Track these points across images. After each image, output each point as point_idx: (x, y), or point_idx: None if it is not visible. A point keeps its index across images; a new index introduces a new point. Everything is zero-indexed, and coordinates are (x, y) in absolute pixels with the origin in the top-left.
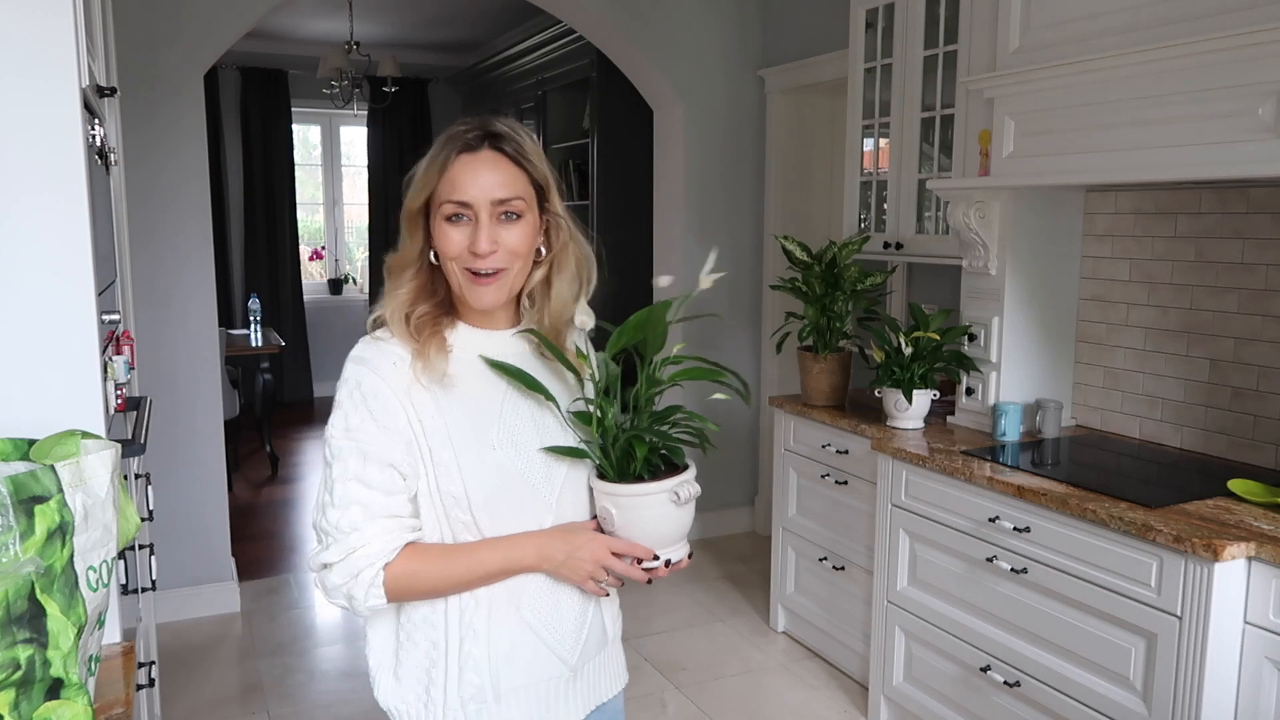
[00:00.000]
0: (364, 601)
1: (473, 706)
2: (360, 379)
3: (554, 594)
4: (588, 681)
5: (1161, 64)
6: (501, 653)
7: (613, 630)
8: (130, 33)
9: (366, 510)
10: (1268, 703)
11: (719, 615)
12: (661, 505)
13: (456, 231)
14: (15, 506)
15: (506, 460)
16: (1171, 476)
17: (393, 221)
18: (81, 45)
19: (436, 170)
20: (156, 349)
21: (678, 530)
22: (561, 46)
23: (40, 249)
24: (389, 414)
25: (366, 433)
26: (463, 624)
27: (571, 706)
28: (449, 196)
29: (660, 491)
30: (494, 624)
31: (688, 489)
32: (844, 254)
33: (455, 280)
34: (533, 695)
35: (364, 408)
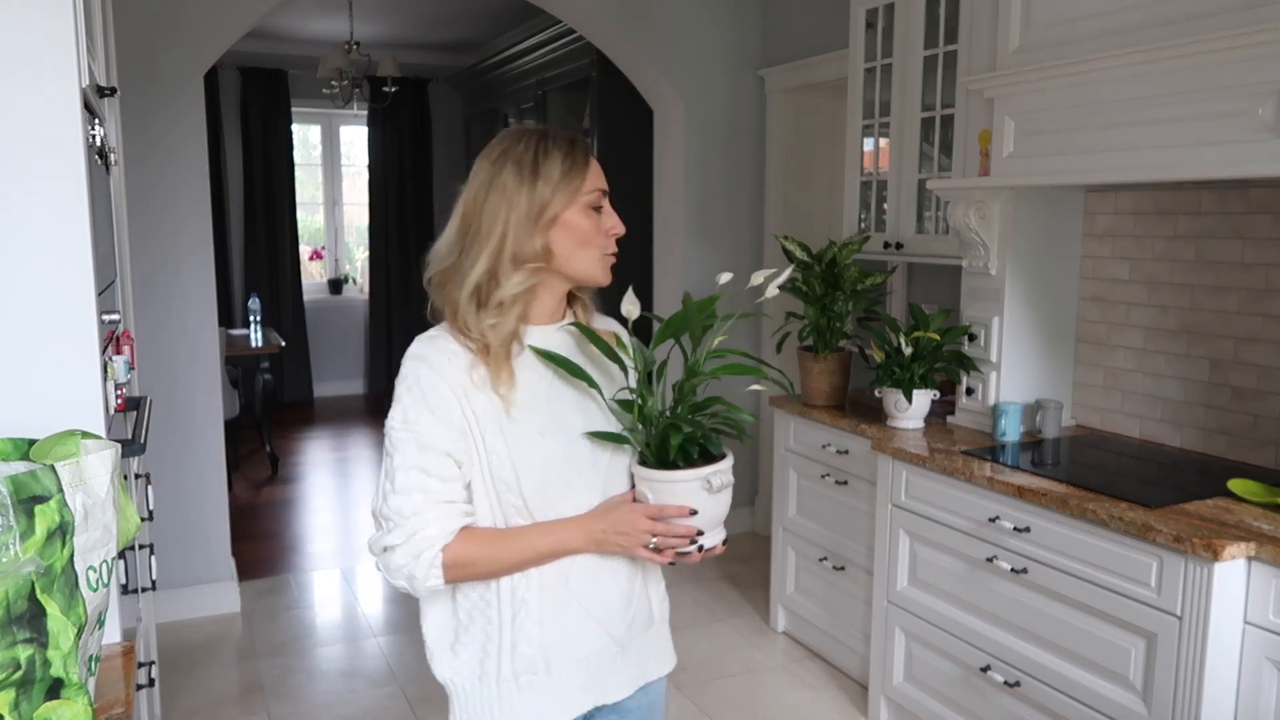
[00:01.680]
0: (424, 581)
1: (525, 678)
2: (419, 375)
3: (601, 571)
4: (636, 658)
5: (1161, 64)
6: (551, 627)
7: (659, 611)
8: (130, 33)
9: (426, 496)
10: (1268, 703)
11: (719, 615)
12: (694, 492)
13: (598, 220)
14: (15, 506)
15: (555, 446)
16: (1171, 476)
17: (392, 222)
18: (81, 45)
19: (581, 170)
20: (156, 349)
21: (711, 517)
22: (561, 46)
23: (40, 249)
24: (445, 407)
25: (424, 424)
26: (515, 599)
27: (621, 680)
28: (597, 186)
29: (692, 479)
30: (545, 599)
31: (720, 478)
32: (844, 254)
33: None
34: (583, 668)
35: (422, 402)
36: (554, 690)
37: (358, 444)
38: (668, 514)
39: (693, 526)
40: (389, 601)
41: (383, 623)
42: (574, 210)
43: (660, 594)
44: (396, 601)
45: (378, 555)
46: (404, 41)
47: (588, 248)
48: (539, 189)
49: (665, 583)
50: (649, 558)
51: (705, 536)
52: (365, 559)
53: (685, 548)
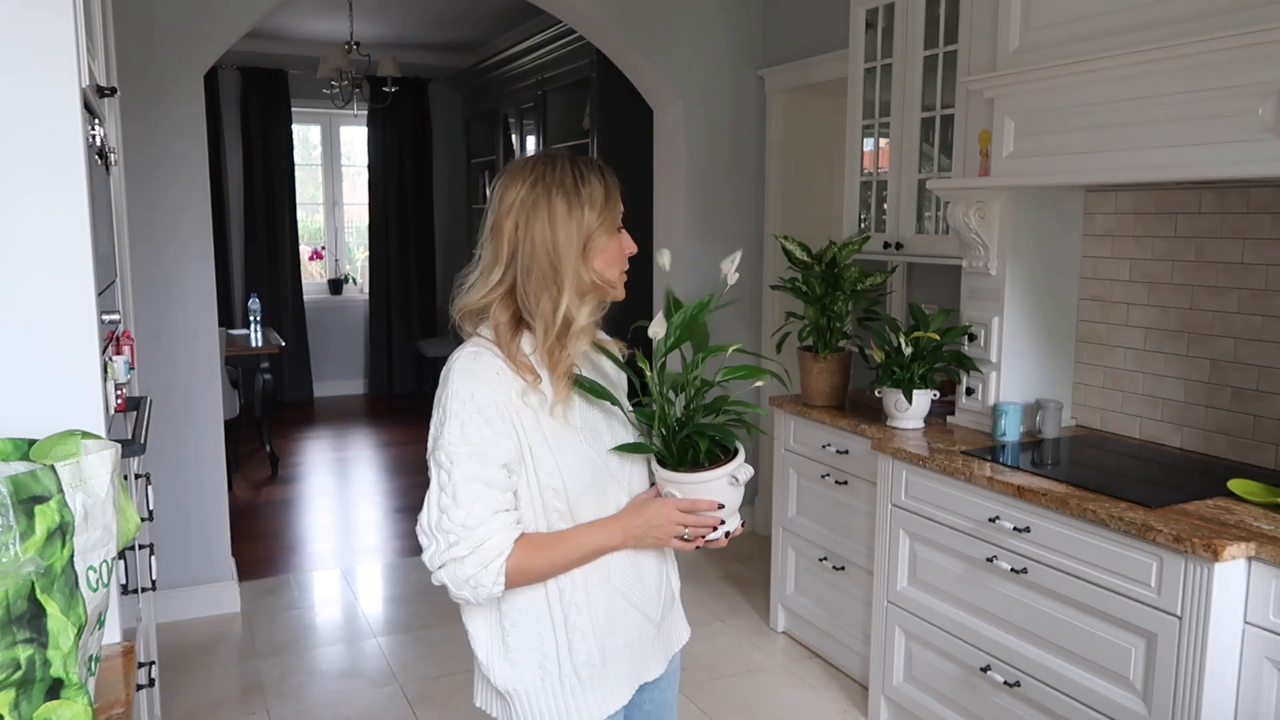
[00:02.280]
0: (490, 590)
1: (585, 672)
2: (473, 390)
3: (635, 562)
4: (666, 633)
5: (1161, 64)
6: (602, 620)
7: (677, 587)
8: (130, 33)
9: (488, 506)
10: (1268, 703)
11: (719, 615)
12: (723, 487)
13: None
14: (15, 506)
15: (591, 451)
16: (1171, 476)
17: (392, 222)
18: (81, 45)
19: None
20: (156, 349)
21: (735, 505)
22: (561, 46)
23: (40, 249)
24: (500, 419)
25: (483, 437)
26: (564, 602)
27: (658, 658)
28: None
29: (720, 477)
30: (592, 597)
31: (744, 471)
32: (844, 254)
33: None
34: (630, 653)
35: (479, 416)
36: (610, 679)
37: (358, 444)
38: (700, 508)
39: (718, 517)
40: (389, 601)
41: (383, 623)
42: (603, 234)
43: (676, 572)
44: (396, 601)
45: (440, 568)
46: (404, 41)
47: (613, 267)
48: (586, 216)
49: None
50: (680, 546)
51: (728, 523)
52: (365, 559)
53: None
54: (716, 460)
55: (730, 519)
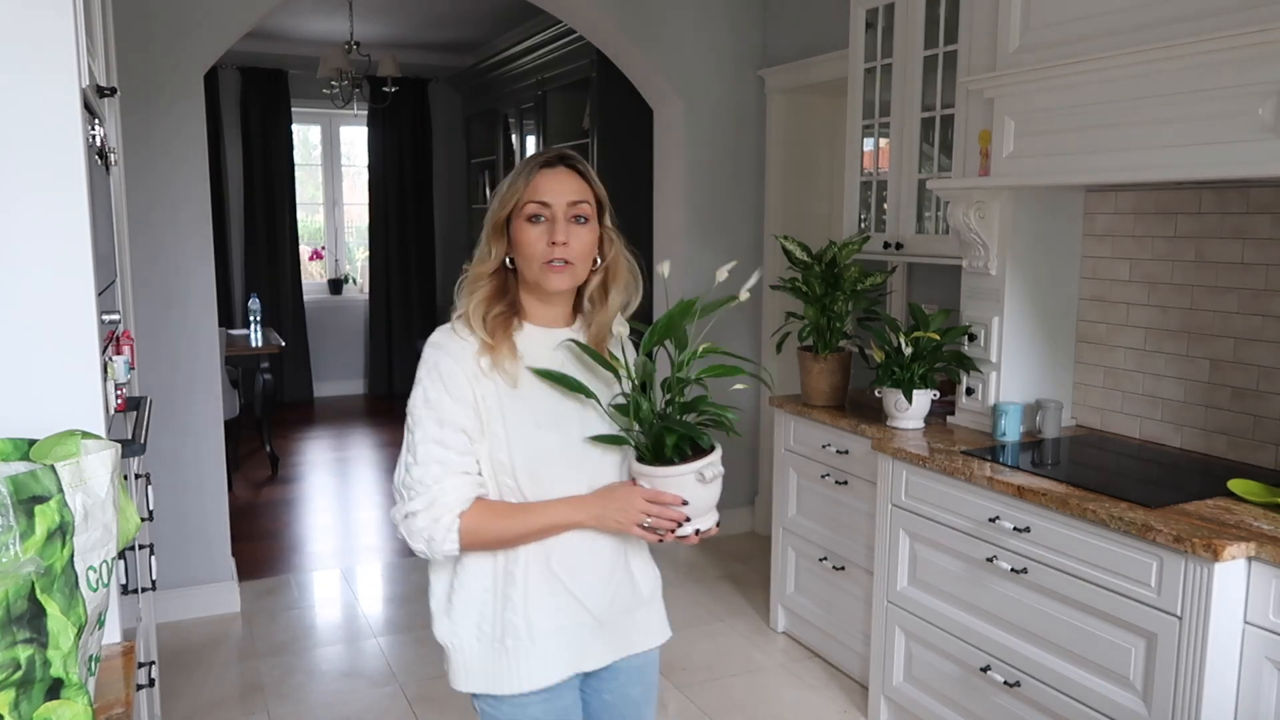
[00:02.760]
0: (442, 545)
1: (510, 641)
2: (437, 360)
3: (580, 552)
4: (618, 631)
5: (1161, 64)
6: (534, 598)
7: (647, 590)
8: (130, 33)
9: (444, 466)
10: (1268, 703)
11: (719, 615)
12: (690, 483)
13: (537, 230)
14: (15, 506)
15: (549, 439)
16: (1171, 476)
17: (392, 222)
18: (81, 45)
19: (522, 182)
20: (156, 349)
21: (705, 503)
22: (561, 46)
23: (40, 249)
24: (460, 388)
25: (443, 404)
26: (505, 574)
27: (603, 650)
28: (532, 198)
29: (687, 472)
30: (529, 574)
31: (711, 469)
32: (844, 254)
33: (533, 272)
34: (563, 638)
35: (440, 383)
36: (540, 657)
37: (358, 444)
38: (664, 499)
39: (682, 513)
40: (389, 601)
41: (383, 623)
42: (516, 222)
43: (650, 576)
44: (396, 601)
45: (400, 523)
46: (404, 41)
47: (529, 259)
48: (493, 200)
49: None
50: (642, 535)
51: (699, 520)
52: (365, 559)
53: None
54: (687, 457)
55: (701, 517)
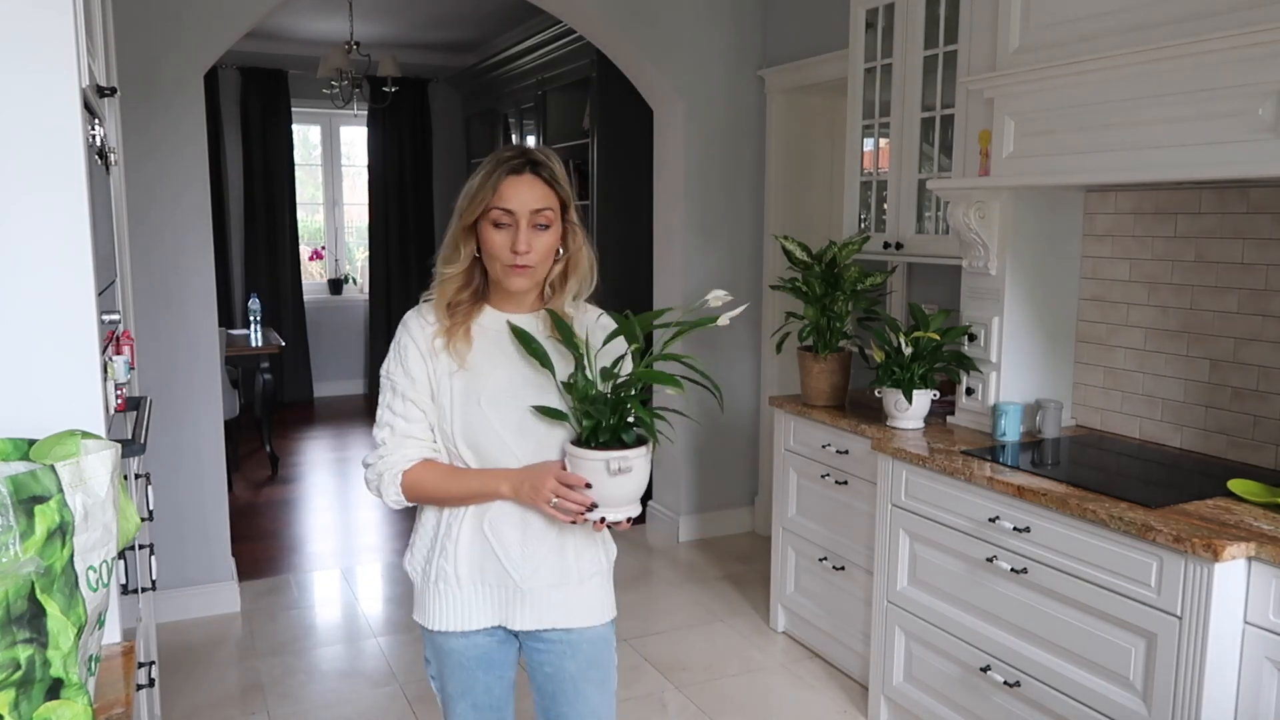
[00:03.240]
0: (387, 496)
1: (442, 585)
2: (400, 337)
3: (514, 519)
4: (544, 603)
5: (1161, 64)
6: (464, 551)
7: (583, 571)
8: (130, 33)
9: (393, 431)
10: (1268, 703)
11: (719, 615)
12: (598, 471)
13: (501, 235)
14: (15, 506)
15: (487, 414)
16: (1171, 476)
17: (392, 222)
18: (81, 45)
19: (490, 187)
20: (156, 349)
21: (615, 494)
22: (561, 46)
23: (40, 249)
24: (414, 366)
25: (398, 377)
26: (445, 524)
27: (524, 615)
28: (498, 205)
29: (597, 459)
30: (463, 529)
31: (618, 463)
32: (844, 254)
33: (495, 270)
34: (487, 593)
35: (397, 358)
36: (464, 601)
37: (358, 444)
38: (571, 481)
39: (587, 497)
40: (389, 601)
41: (383, 623)
42: (483, 223)
43: (590, 557)
44: (396, 601)
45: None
46: (404, 41)
47: (492, 259)
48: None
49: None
50: (550, 513)
51: (606, 510)
52: (365, 559)
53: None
54: (609, 446)
55: (612, 508)
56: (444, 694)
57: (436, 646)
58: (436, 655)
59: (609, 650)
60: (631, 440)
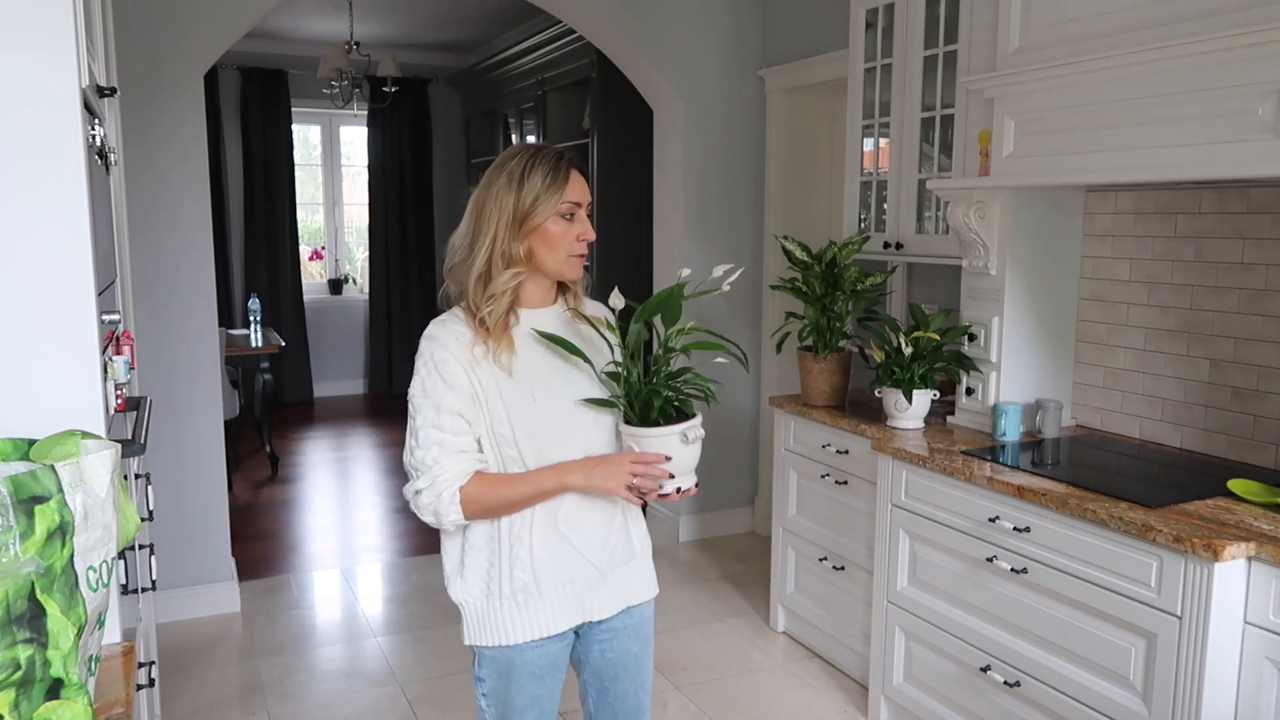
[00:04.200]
0: (447, 515)
1: (521, 597)
2: (433, 352)
3: (584, 512)
4: (619, 584)
5: (1161, 64)
6: (541, 556)
7: (640, 546)
8: (130, 33)
9: (443, 448)
10: (1268, 703)
11: (719, 615)
12: (674, 443)
13: (567, 226)
14: (15, 506)
15: (546, 408)
16: (1171, 476)
17: (392, 222)
18: (81, 45)
19: (559, 184)
20: (156, 349)
21: (687, 463)
22: (561, 46)
23: (40, 249)
24: (454, 377)
25: (439, 391)
26: (512, 535)
27: (605, 601)
28: (570, 198)
29: (672, 433)
30: (535, 534)
31: (694, 431)
32: (844, 254)
33: (554, 263)
34: (569, 591)
35: (435, 373)
36: (546, 608)
37: (358, 444)
38: (648, 459)
39: (665, 469)
40: (389, 601)
41: (383, 623)
42: (551, 219)
43: (641, 533)
44: (396, 601)
45: (410, 499)
46: (404, 41)
47: (556, 251)
48: (523, 198)
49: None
50: (627, 497)
51: (681, 479)
52: (365, 559)
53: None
54: (672, 419)
55: (682, 476)
56: (507, 708)
57: (505, 663)
58: (501, 672)
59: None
60: (690, 410)
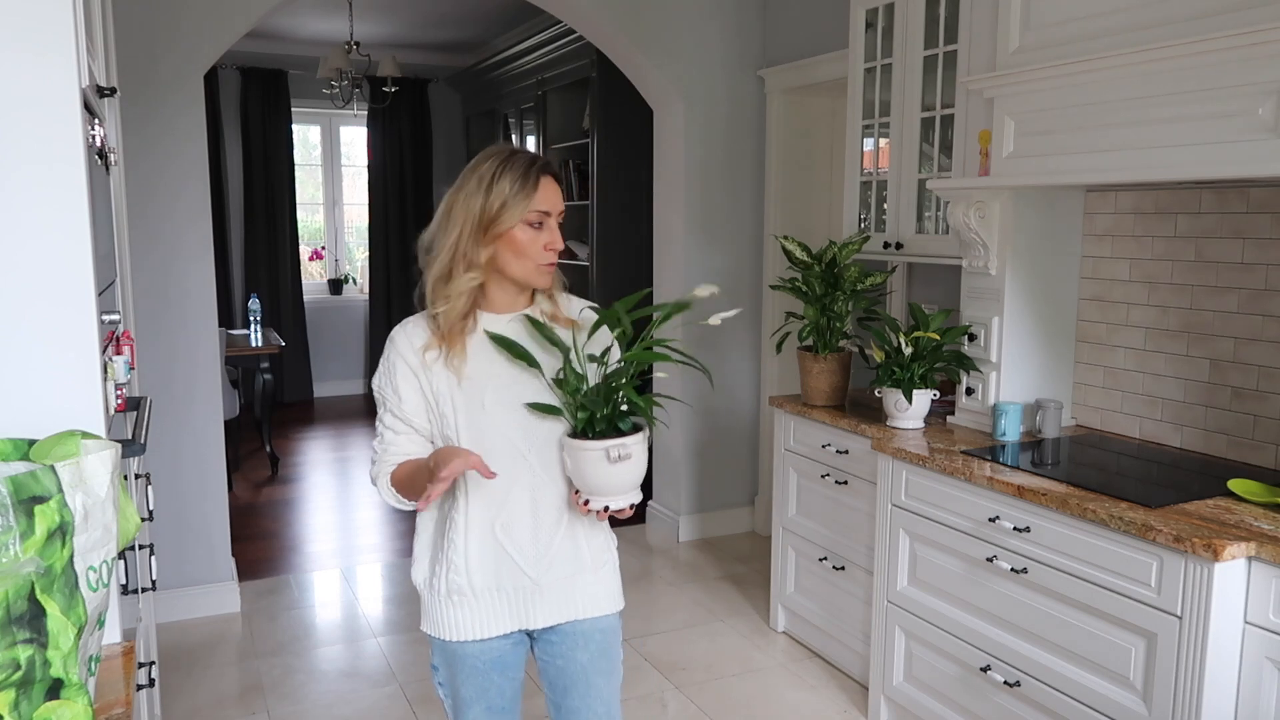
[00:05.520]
0: (386, 496)
1: (455, 597)
2: (388, 353)
3: (521, 520)
4: (559, 596)
5: (1161, 64)
6: (475, 560)
7: (593, 559)
8: (130, 33)
9: (383, 441)
10: (1268, 703)
11: (719, 615)
12: (598, 460)
13: (535, 235)
14: (15, 506)
15: (493, 418)
16: (1171, 476)
17: (392, 222)
18: (81, 45)
19: (529, 191)
20: (156, 349)
21: (616, 482)
22: (561, 46)
23: (40, 249)
24: (403, 380)
25: (387, 393)
26: (448, 536)
27: (544, 611)
28: (539, 207)
29: (596, 449)
30: (470, 538)
31: (618, 450)
32: (844, 254)
33: (521, 270)
34: (503, 597)
35: (385, 374)
36: (481, 609)
37: (358, 444)
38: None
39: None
40: (389, 601)
41: (383, 623)
42: (519, 227)
43: (597, 545)
44: (396, 601)
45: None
46: (404, 41)
47: (523, 259)
48: (490, 202)
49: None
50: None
51: (609, 498)
52: (365, 559)
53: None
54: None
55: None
56: (456, 699)
57: (450, 654)
58: (448, 663)
59: (617, 641)
60: (628, 427)
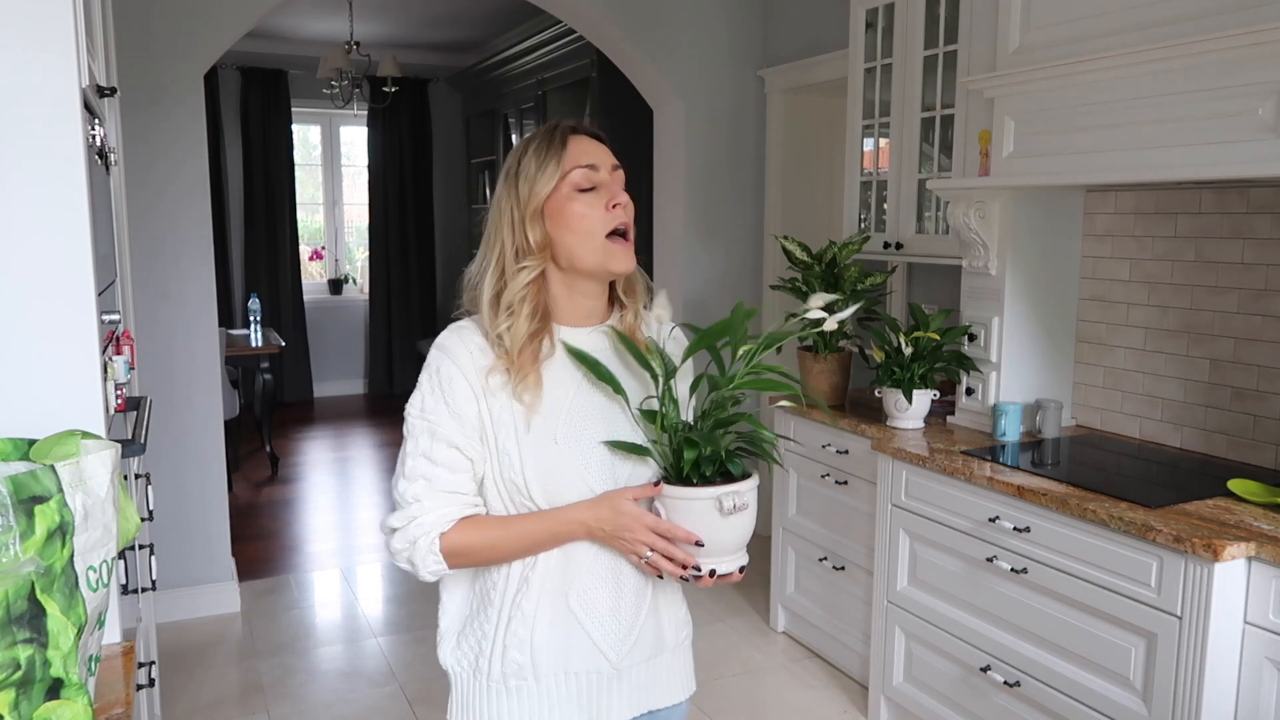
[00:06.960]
0: (424, 567)
1: (514, 682)
2: (440, 365)
3: (603, 588)
4: (637, 683)
5: (1161, 64)
6: (543, 637)
7: (673, 637)
8: (130, 33)
9: (429, 485)
10: (1268, 703)
11: (719, 615)
12: (706, 512)
13: (588, 200)
14: (15, 506)
15: (568, 455)
16: (1171, 476)
17: (392, 222)
18: (81, 45)
19: (558, 148)
20: (156, 349)
21: (728, 539)
22: (561, 46)
23: (40, 248)
24: (460, 401)
25: (438, 415)
26: (513, 605)
27: (617, 705)
28: (578, 162)
29: (706, 498)
30: (540, 609)
31: (733, 499)
32: (844, 254)
33: (589, 253)
34: (574, 684)
35: (439, 392)
36: (543, 699)
37: (358, 444)
38: (674, 535)
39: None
40: (389, 601)
41: (383, 623)
42: (559, 196)
43: (678, 619)
44: (396, 601)
45: (385, 535)
46: (404, 41)
47: (586, 235)
48: (520, 186)
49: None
50: (641, 567)
51: (717, 561)
52: (365, 559)
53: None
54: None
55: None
56: None
57: None
58: None
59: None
60: (739, 472)
